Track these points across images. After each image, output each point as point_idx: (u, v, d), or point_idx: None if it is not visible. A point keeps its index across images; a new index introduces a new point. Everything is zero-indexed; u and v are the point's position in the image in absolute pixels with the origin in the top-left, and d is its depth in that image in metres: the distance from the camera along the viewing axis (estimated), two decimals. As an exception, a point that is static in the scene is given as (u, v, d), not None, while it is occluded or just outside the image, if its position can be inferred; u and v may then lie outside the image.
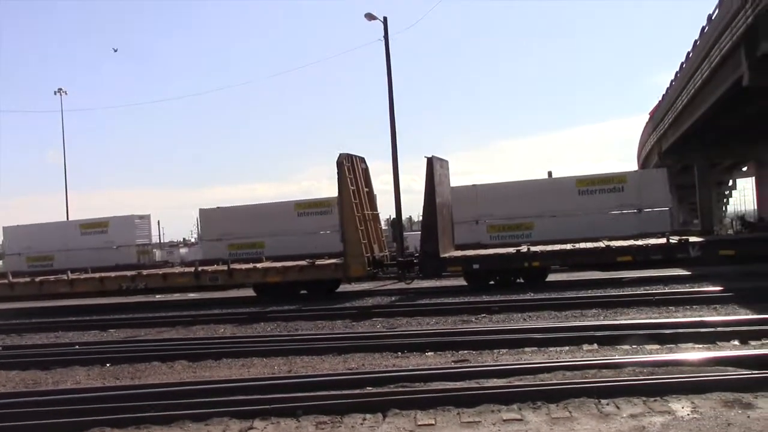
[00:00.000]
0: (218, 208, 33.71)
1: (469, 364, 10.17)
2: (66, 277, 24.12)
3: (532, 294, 18.82)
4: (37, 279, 24.63)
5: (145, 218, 37.35)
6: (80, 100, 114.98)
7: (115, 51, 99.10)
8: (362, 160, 23.99)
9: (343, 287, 23.86)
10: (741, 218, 48.29)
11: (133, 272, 24.86)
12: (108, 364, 12.47)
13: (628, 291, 18.34)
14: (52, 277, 24.75)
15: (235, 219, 32.52)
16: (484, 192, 29.69)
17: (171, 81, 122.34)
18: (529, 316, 15.19)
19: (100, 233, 35.83)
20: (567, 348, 11.06)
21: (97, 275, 24.76)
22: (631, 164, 54.11)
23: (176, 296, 25.64)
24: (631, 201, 28.19)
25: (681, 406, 7.23)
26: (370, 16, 29.55)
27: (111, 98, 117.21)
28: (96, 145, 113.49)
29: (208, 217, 33.71)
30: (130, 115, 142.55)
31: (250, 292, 23.98)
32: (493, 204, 29.20)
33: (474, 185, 30.22)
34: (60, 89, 53.25)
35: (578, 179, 29.19)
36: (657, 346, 10.70)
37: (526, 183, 30.05)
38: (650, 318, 13.71)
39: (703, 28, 24.21)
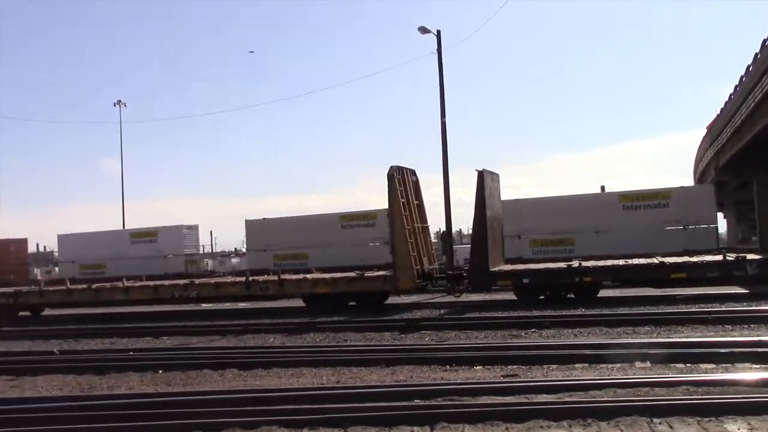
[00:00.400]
0: (264, 219, 34.25)
1: (518, 379, 10.08)
2: (121, 285, 24.73)
3: (583, 309, 18.57)
4: (94, 286, 25.21)
5: (194, 228, 38.08)
6: (138, 111, 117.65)
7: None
8: (413, 172, 24.02)
9: (392, 299, 23.86)
10: None
11: (185, 281, 25.27)
12: (161, 371, 12.67)
13: (682, 308, 17.93)
14: (108, 284, 25.34)
15: (280, 230, 33.00)
16: (528, 206, 29.54)
17: (224, 94, 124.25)
18: (580, 332, 14.97)
19: (149, 242, 36.63)
20: (618, 365, 10.86)
21: (151, 283, 25.24)
22: (687, 179, 53.00)
23: (227, 305, 25.96)
24: (676, 217, 27.86)
25: (737, 428, 7.03)
26: (423, 30, 29.75)
27: (169, 110, 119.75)
28: (152, 156, 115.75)
29: (253, 228, 34.26)
30: (187, 127, 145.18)
31: (299, 303, 24.15)
32: (536, 219, 29.01)
33: (517, 199, 30.26)
34: (119, 101, 54.78)
35: (621, 195, 29.04)
36: (712, 366, 10.42)
37: (569, 198, 29.86)
38: (705, 336, 13.39)
39: (764, 41, 23.68)
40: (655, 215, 28.04)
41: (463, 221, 77.03)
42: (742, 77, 28.60)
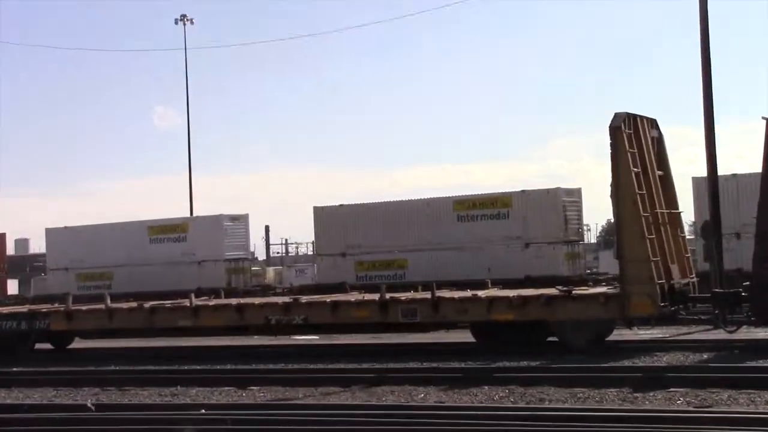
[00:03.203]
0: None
1: None
2: (188, 304, 25.47)
3: None
4: (147, 305, 26.09)
5: (241, 219, 40.42)
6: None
7: None
8: (653, 123, 23.60)
9: (618, 333, 23.69)
10: None
11: (286, 299, 26.05)
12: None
13: None
14: (168, 303, 26.35)
15: (362, 221, 35.55)
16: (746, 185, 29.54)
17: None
18: None
19: (175, 241, 39.15)
20: None
21: (233, 302, 26.14)
22: None
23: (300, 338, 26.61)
24: None
25: None
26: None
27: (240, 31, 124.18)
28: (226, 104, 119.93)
29: (324, 218, 36.56)
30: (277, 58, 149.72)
31: (463, 336, 24.47)
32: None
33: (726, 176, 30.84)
34: (183, 16, 56.72)
35: None
36: None
37: None
38: None
39: None
40: None
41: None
42: None
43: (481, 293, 23.87)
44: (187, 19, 58.39)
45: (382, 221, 34.85)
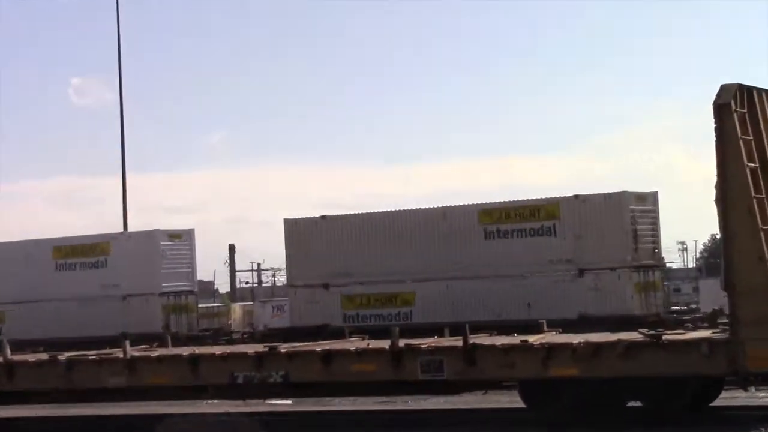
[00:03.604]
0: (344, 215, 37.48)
1: None
2: (122, 356, 24.28)
3: None
4: (63, 357, 24.97)
5: (185, 237, 40.45)
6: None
7: None
8: None
9: (729, 394, 22.92)
10: None
11: (260, 348, 24.89)
12: None
13: None
14: (92, 355, 25.11)
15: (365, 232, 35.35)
16: None
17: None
18: None
19: (91, 267, 38.72)
20: None
21: (185, 352, 24.91)
22: None
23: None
24: None
25: None
26: None
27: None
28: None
29: (296, 231, 36.78)
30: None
31: (505, 399, 23.66)
32: None
33: None
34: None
35: None
36: None
37: None
38: None
39: None
40: None
41: None
42: None
43: (532, 339, 22.68)
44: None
45: (380, 239, 34.40)
